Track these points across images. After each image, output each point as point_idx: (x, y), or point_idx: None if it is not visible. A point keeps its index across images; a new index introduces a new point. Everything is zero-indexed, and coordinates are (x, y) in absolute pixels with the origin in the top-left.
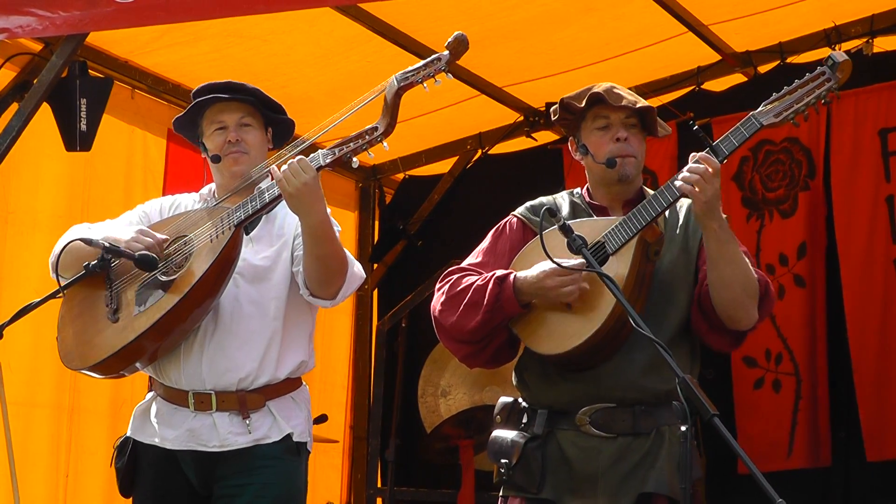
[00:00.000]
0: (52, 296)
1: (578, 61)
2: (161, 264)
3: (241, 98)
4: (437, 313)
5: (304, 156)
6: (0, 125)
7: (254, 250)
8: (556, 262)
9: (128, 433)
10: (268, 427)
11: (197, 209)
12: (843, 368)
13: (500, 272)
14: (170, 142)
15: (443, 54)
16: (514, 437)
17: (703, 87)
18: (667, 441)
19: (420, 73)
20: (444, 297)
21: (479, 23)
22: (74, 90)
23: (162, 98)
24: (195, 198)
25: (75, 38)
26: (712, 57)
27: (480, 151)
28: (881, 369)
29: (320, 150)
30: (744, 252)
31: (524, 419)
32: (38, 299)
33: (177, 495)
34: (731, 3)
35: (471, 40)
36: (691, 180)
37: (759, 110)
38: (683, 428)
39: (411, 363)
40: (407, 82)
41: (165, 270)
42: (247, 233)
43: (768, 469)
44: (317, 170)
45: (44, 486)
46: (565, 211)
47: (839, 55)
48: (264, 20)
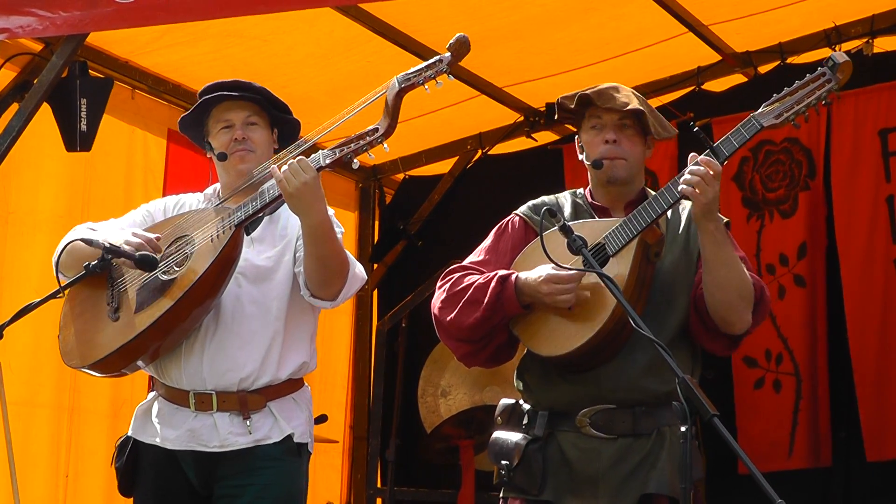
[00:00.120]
0: (53, 296)
1: (579, 61)
2: (162, 264)
3: (249, 97)
4: (437, 311)
5: (305, 156)
6: (0, 125)
7: (256, 250)
8: (556, 264)
9: (129, 433)
10: (268, 428)
11: (199, 209)
12: (843, 368)
13: (502, 272)
14: (170, 142)
15: (444, 56)
16: (515, 438)
17: (703, 87)
18: (668, 442)
19: (421, 74)
20: (444, 295)
21: (480, 23)
22: (75, 90)
23: (162, 98)
24: (199, 197)
25: (75, 39)
26: (712, 57)
27: (480, 152)
28: (881, 369)
29: (321, 151)
30: (741, 257)
31: (525, 421)
32: (39, 299)
33: (177, 495)
34: (731, 4)
35: (471, 40)
36: (692, 182)
37: (759, 111)
38: (683, 428)
39: (411, 363)
40: (408, 84)
41: (166, 270)
42: (247, 233)
43: (769, 469)
44: (317, 170)
45: (44, 486)
46: (567, 211)
47: (840, 56)
48: (265, 20)
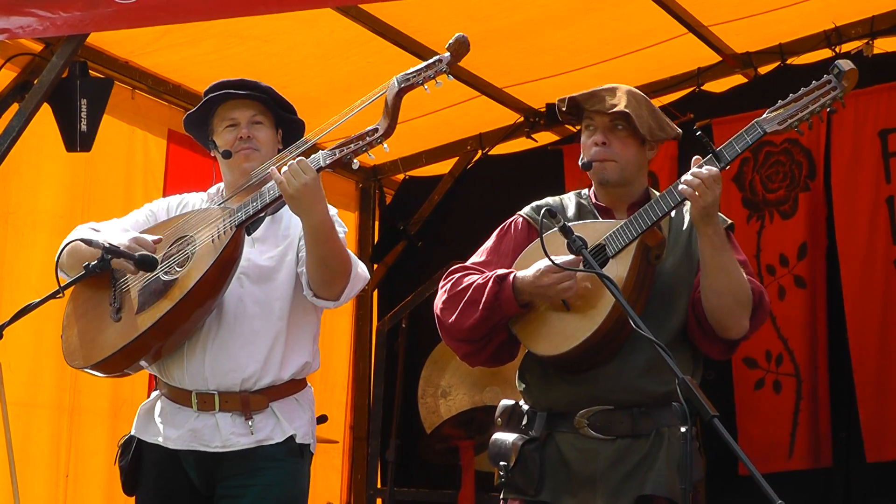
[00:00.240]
0: (52, 296)
1: (579, 62)
2: (164, 264)
3: (255, 95)
4: (438, 311)
5: (304, 157)
6: (0, 125)
7: (259, 250)
8: (553, 261)
9: (132, 432)
10: (270, 428)
11: (200, 209)
12: (843, 369)
13: (500, 271)
14: (170, 142)
15: (444, 56)
16: (512, 439)
17: (703, 88)
18: (666, 442)
19: (421, 74)
20: (445, 296)
21: (480, 23)
22: (75, 91)
23: (162, 98)
24: (203, 197)
25: (76, 39)
26: (713, 58)
27: (481, 152)
28: (881, 369)
29: (321, 152)
30: (742, 261)
31: (524, 422)
32: (39, 299)
33: (179, 495)
34: (731, 4)
35: (471, 41)
36: (692, 184)
37: (763, 117)
38: (683, 429)
39: (411, 364)
40: (408, 84)
41: (168, 270)
42: (248, 233)
43: (769, 470)
44: (317, 171)
45: (44, 486)
46: (571, 212)
47: (845, 63)
48: (265, 21)
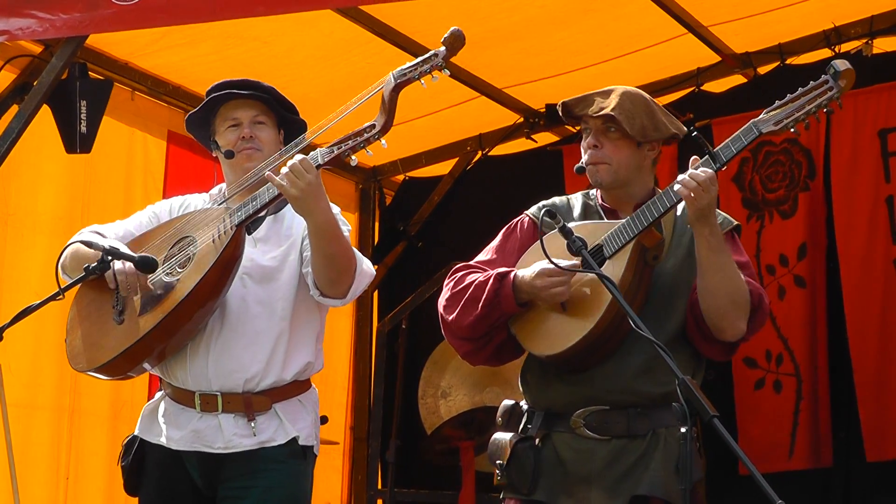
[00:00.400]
0: (52, 298)
1: (578, 62)
2: (166, 265)
3: (257, 95)
4: (441, 309)
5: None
6: (0, 127)
7: (261, 250)
8: (552, 262)
9: (135, 432)
10: (273, 430)
11: (201, 209)
12: (843, 368)
13: (502, 269)
14: (170, 143)
15: (439, 50)
16: (507, 437)
17: (702, 88)
18: (662, 443)
19: (417, 69)
20: (448, 294)
21: (479, 24)
22: (74, 92)
23: (162, 100)
24: (205, 198)
25: (75, 40)
26: (712, 58)
27: (480, 153)
28: (881, 369)
29: (318, 149)
30: (743, 262)
31: (524, 421)
32: (39, 301)
33: (182, 496)
34: (730, 5)
35: (470, 41)
36: (689, 185)
37: (759, 118)
38: (683, 429)
39: (411, 364)
40: (404, 79)
41: (170, 271)
42: (249, 232)
43: (769, 470)
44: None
45: (44, 488)
46: (577, 212)
47: (841, 63)
48: (264, 22)
